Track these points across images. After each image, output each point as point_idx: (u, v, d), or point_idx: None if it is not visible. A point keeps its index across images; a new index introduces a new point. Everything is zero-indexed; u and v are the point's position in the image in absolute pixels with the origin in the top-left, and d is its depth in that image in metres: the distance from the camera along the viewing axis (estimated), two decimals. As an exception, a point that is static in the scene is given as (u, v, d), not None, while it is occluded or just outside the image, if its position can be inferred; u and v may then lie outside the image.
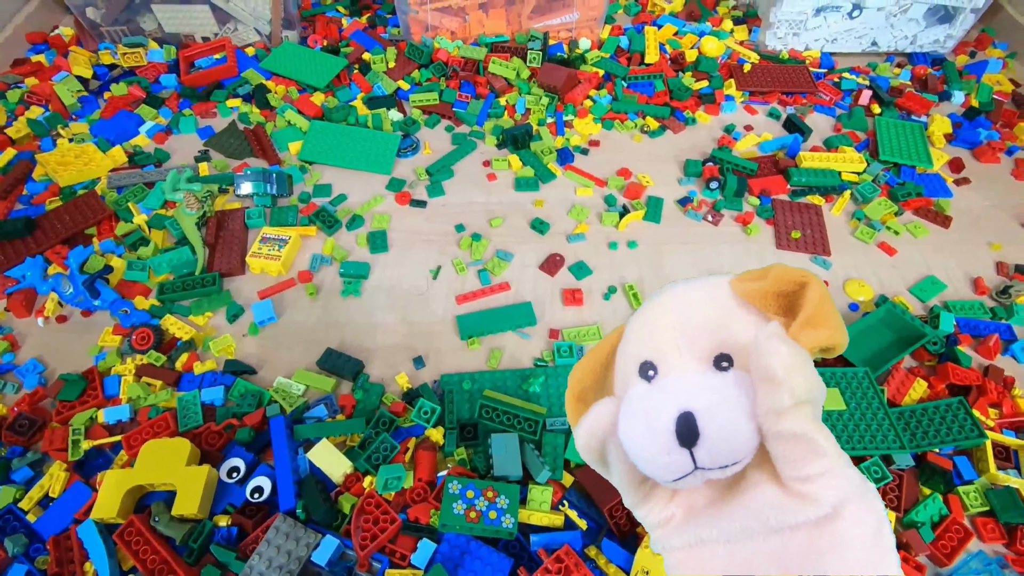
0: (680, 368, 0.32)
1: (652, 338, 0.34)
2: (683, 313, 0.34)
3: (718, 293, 0.34)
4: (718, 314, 0.33)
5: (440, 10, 1.11)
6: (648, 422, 0.31)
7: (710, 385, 0.31)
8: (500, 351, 0.74)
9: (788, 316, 0.32)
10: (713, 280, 0.35)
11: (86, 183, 0.89)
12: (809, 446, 0.29)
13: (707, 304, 0.34)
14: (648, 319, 0.35)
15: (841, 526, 0.29)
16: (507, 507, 0.58)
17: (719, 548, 0.31)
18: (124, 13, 1.10)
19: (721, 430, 0.30)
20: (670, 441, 0.30)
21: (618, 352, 0.36)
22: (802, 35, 1.15)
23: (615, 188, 0.93)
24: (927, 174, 0.96)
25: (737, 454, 0.30)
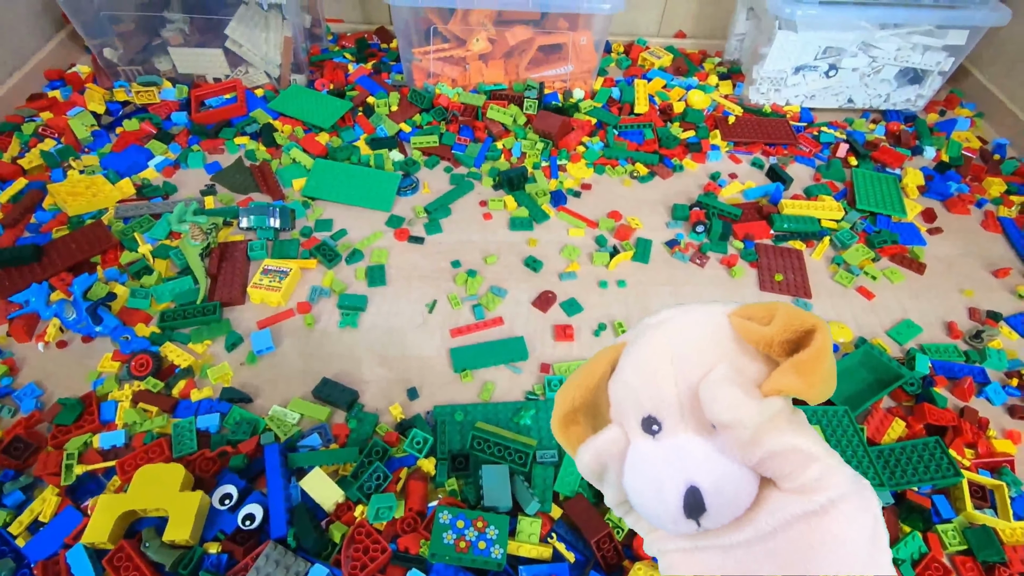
0: (684, 431, 0.33)
1: (653, 389, 0.34)
2: (686, 360, 0.33)
3: (719, 336, 0.33)
4: (721, 360, 0.33)
5: (442, 59, 1.17)
6: (657, 489, 0.32)
7: (715, 457, 0.32)
8: (492, 384, 0.76)
9: (781, 357, 0.32)
10: (712, 313, 0.35)
11: (94, 213, 0.92)
12: (797, 456, 0.30)
13: (707, 350, 0.33)
14: (647, 360, 0.34)
15: (837, 522, 0.29)
16: (496, 538, 0.59)
17: (714, 549, 0.32)
18: (141, 54, 1.15)
19: (726, 502, 0.31)
20: (678, 512, 0.32)
21: (613, 384, 0.36)
22: (783, 91, 1.22)
23: (606, 230, 0.97)
24: (902, 223, 1.01)
25: (738, 513, 0.32)
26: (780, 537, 0.30)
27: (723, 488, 0.31)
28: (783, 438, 0.30)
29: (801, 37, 1.11)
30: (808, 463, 0.30)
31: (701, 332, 0.34)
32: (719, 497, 0.31)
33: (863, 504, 0.30)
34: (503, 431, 0.70)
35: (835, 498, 0.30)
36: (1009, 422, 0.76)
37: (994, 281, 0.94)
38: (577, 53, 1.18)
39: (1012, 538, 0.64)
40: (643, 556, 0.61)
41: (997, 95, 1.24)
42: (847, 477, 0.31)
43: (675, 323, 0.35)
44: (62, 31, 1.21)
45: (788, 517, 0.30)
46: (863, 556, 0.30)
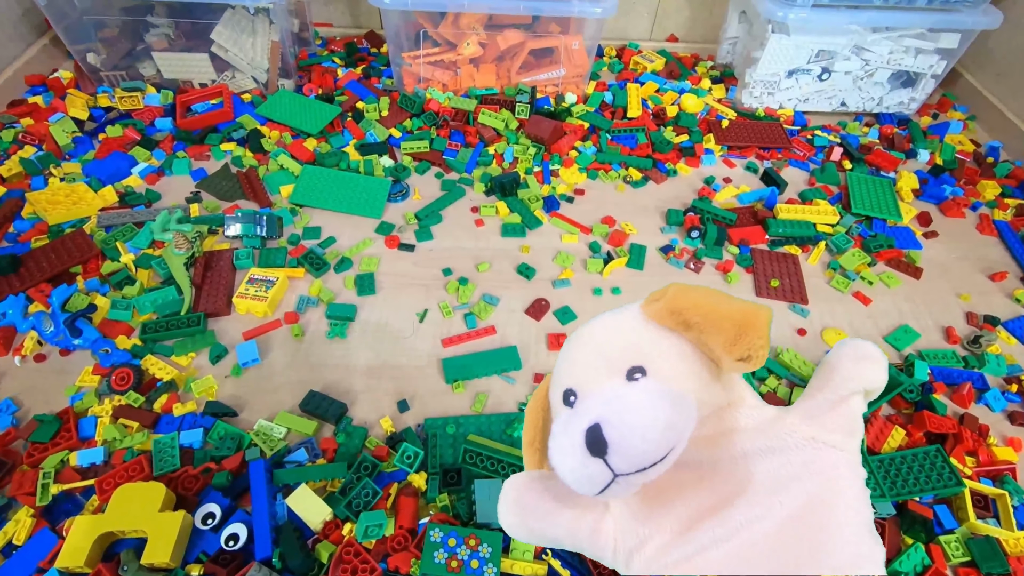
0: (597, 387, 0.35)
1: (573, 368, 0.37)
2: (600, 340, 0.37)
3: (630, 317, 0.37)
4: (631, 336, 0.36)
5: (433, 63, 1.16)
6: (566, 441, 0.33)
7: (616, 395, 0.33)
8: (485, 395, 0.74)
9: (686, 331, 0.36)
10: (627, 307, 0.39)
11: (75, 222, 0.90)
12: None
13: (621, 328, 0.37)
14: (570, 353, 0.39)
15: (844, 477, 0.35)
16: (489, 556, 0.57)
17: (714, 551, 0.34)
18: (125, 59, 1.13)
19: (629, 434, 0.31)
20: (583, 453, 0.31)
21: (550, 391, 0.39)
22: (776, 95, 1.21)
23: (599, 236, 0.96)
24: (897, 227, 1.00)
25: (650, 455, 0.31)
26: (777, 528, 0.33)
27: (624, 420, 0.31)
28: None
29: (794, 40, 1.10)
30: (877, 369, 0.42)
31: (615, 321, 0.38)
32: (619, 429, 0.31)
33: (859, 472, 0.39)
34: (496, 444, 0.68)
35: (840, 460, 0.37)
36: (1009, 429, 0.75)
37: (991, 285, 0.93)
38: (569, 57, 1.17)
39: (1016, 549, 0.63)
40: (641, 573, 0.59)
41: (989, 98, 1.24)
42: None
43: (595, 320, 0.39)
44: (44, 36, 1.19)
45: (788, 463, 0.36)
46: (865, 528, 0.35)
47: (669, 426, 0.31)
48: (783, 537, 0.33)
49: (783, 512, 0.33)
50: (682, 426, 0.31)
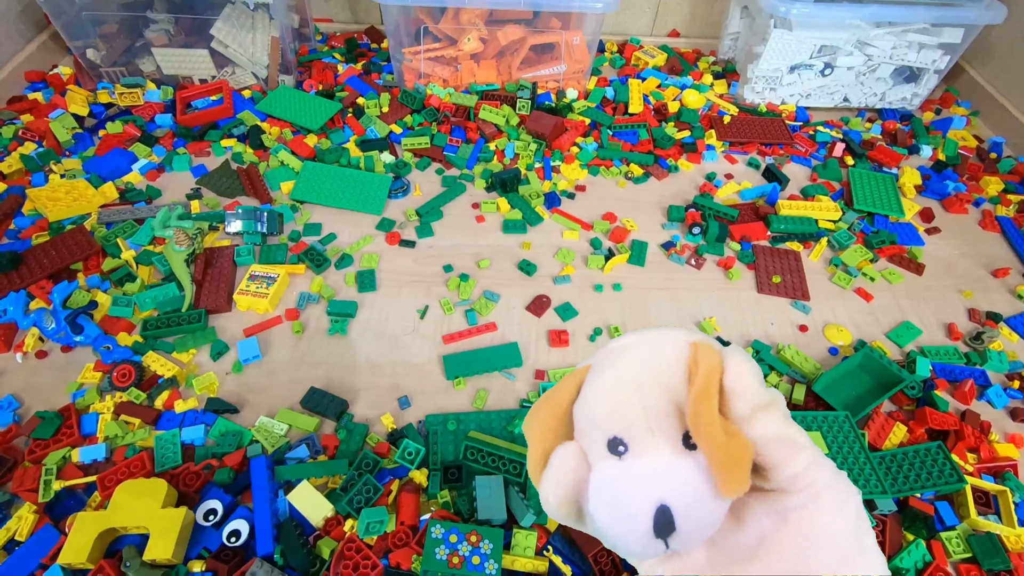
0: (653, 450, 0.32)
1: (620, 413, 0.33)
2: (649, 384, 0.33)
3: (680, 357, 0.33)
4: (683, 385, 0.32)
5: (433, 59, 1.16)
6: (624, 512, 0.31)
7: (685, 476, 0.31)
8: (486, 392, 0.74)
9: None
10: (675, 340, 0.34)
11: (75, 218, 0.89)
12: (788, 445, 0.31)
13: (672, 373, 0.33)
14: (612, 385, 0.34)
15: (823, 512, 0.31)
16: (490, 552, 0.57)
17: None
18: (124, 55, 1.13)
19: (697, 522, 0.31)
20: (647, 534, 0.31)
21: (578, 410, 0.35)
22: (778, 90, 1.21)
23: (600, 232, 0.96)
24: (899, 223, 1.00)
25: (708, 534, 0.32)
26: (770, 540, 0.31)
27: (694, 506, 0.31)
28: (776, 425, 0.32)
29: (796, 35, 1.10)
30: (797, 452, 0.31)
31: (665, 358, 0.33)
32: (690, 516, 0.31)
33: (846, 494, 0.31)
34: (497, 440, 0.68)
35: (820, 489, 0.31)
36: (1011, 425, 0.75)
37: (993, 281, 0.93)
38: (570, 52, 1.16)
39: (1017, 545, 0.63)
40: (642, 569, 0.59)
41: (992, 93, 1.24)
42: (830, 470, 0.32)
43: (639, 349, 0.35)
44: (43, 32, 1.18)
45: (775, 516, 0.31)
46: (851, 544, 0.30)
47: (724, 510, 0.32)
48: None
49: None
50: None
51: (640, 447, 0.32)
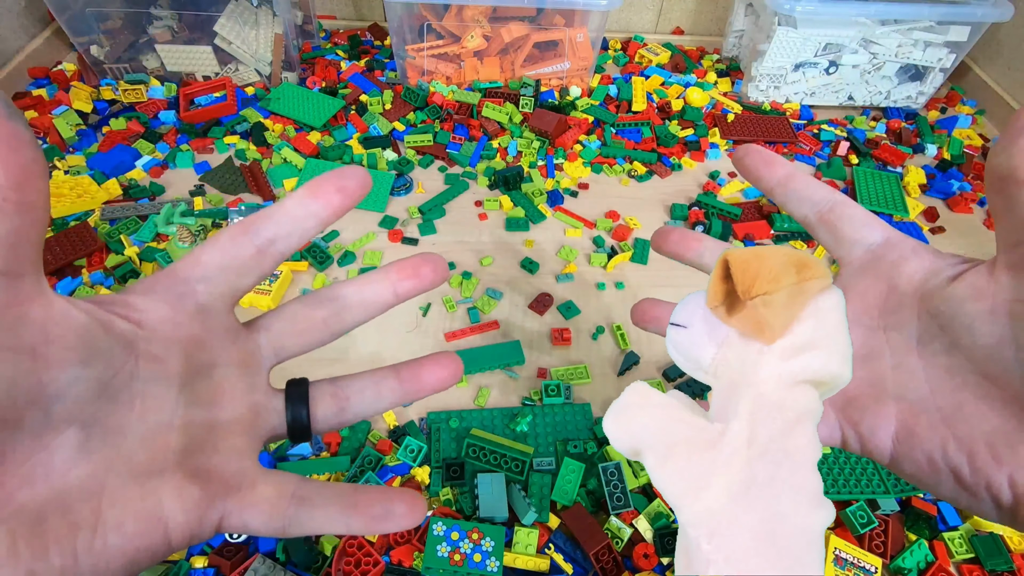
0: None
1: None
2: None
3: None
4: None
5: (436, 56, 1.15)
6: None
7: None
8: (488, 390, 0.74)
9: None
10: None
11: (79, 215, 0.90)
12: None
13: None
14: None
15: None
16: (492, 550, 0.57)
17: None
18: (128, 52, 1.13)
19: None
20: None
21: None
22: (782, 88, 1.20)
23: (603, 230, 0.95)
24: (904, 222, 1.00)
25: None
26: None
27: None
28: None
29: (801, 33, 1.09)
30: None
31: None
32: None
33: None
34: (499, 438, 0.68)
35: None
36: (1015, 426, 0.75)
37: (998, 281, 0.92)
38: (574, 50, 1.16)
39: (1020, 546, 0.63)
40: (643, 567, 0.59)
41: (998, 92, 1.23)
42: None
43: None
44: (47, 28, 1.19)
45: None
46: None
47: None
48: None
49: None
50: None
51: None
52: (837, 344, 0.29)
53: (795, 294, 0.28)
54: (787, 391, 0.28)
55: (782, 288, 0.28)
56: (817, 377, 0.28)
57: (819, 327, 0.28)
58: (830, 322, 0.28)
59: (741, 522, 0.24)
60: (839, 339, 0.29)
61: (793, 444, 0.26)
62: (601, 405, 0.73)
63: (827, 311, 0.29)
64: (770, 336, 0.27)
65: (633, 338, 0.80)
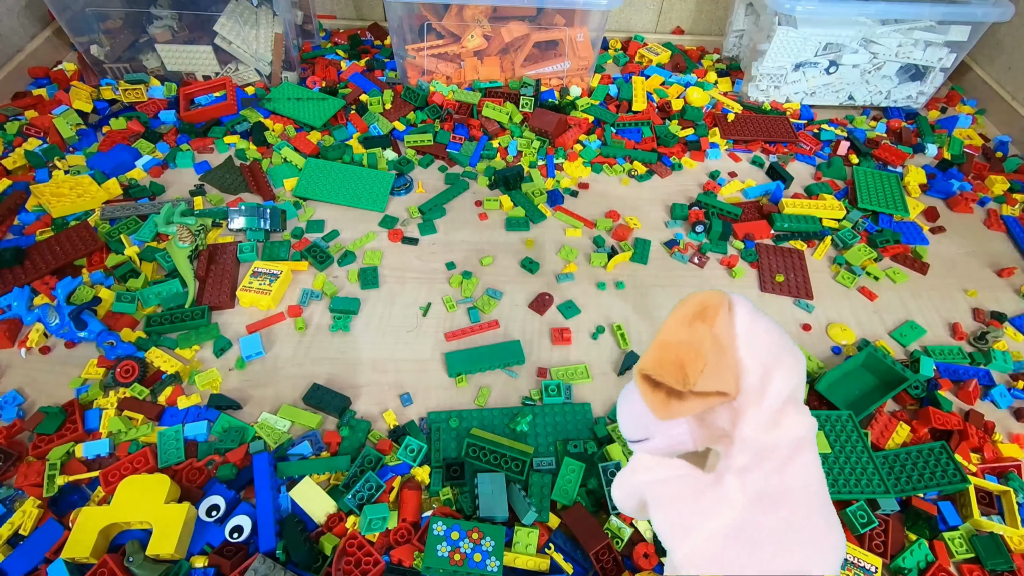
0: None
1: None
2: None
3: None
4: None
5: (436, 56, 1.15)
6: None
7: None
8: (488, 389, 0.74)
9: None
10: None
11: (79, 214, 0.90)
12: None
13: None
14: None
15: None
16: (492, 549, 0.57)
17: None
18: (128, 51, 1.13)
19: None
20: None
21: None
22: (782, 88, 1.20)
23: (603, 230, 0.95)
24: (904, 222, 1.00)
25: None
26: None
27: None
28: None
29: (801, 33, 1.09)
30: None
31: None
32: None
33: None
34: (499, 438, 0.68)
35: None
36: (1015, 425, 0.75)
37: (998, 281, 0.92)
38: (574, 49, 1.16)
39: (1020, 546, 0.63)
40: (643, 567, 0.59)
41: (998, 92, 1.23)
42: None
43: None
44: (47, 28, 1.19)
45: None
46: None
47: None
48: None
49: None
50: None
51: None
52: (781, 351, 0.29)
53: (719, 348, 0.29)
54: (771, 430, 0.28)
55: (707, 351, 0.28)
56: (790, 393, 0.28)
57: (757, 350, 0.29)
58: (760, 337, 0.29)
59: (732, 562, 0.25)
60: (778, 343, 0.29)
61: (791, 483, 0.27)
62: (601, 404, 0.73)
63: (749, 328, 0.29)
64: (734, 392, 0.28)
65: (633, 338, 0.80)
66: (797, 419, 0.29)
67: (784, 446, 0.28)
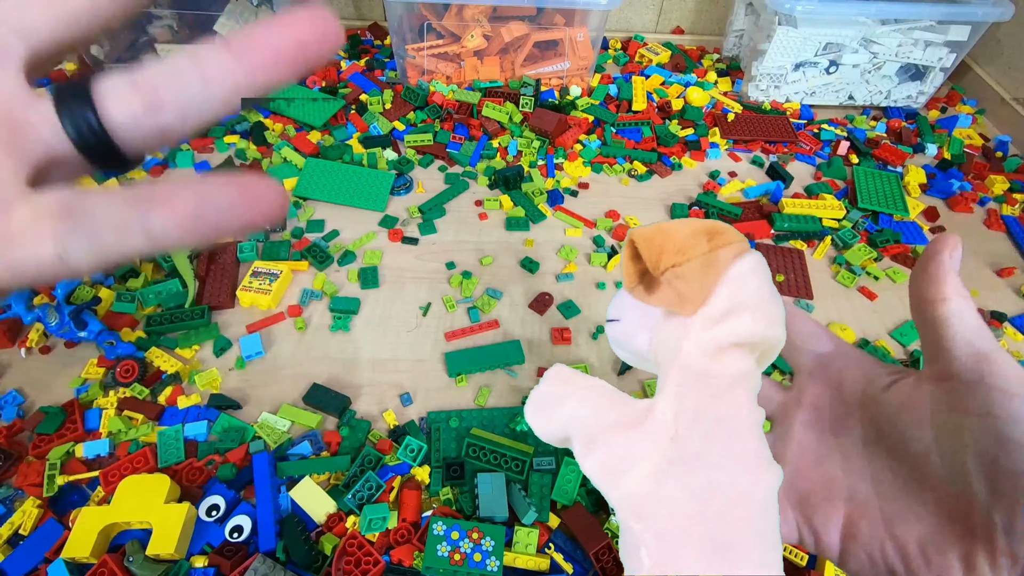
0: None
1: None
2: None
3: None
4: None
5: (436, 56, 1.15)
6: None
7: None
8: (488, 389, 0.74)
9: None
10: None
11: (79, 214, 0.90)
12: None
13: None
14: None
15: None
16: (492, 549, 0.57)
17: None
18: (128, 51, 1.13)
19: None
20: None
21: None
22: (782, 88, 1.20)
23: (603, 229, 0.95)
24: (904, 222, 1.00)
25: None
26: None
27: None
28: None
29: (801, 33, 1.09)
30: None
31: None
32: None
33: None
34: (499, 438, 0.68)
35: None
36: (1015, 425, 0.75)
37: (998, 281, 0.92)
38: (574, 49, 1.16)
39: (1020, 545, 0.63)
40: (643, 567, 0.59)
41: (999, 92, 1.23)
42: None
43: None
44: (47, 28, 1.18)
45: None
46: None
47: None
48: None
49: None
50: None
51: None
52: (761, 305, 0.28)
53: (708, 263, 0.28)
54: (712, 359, 0.27)
55: (692, 258, 0.27)
56: (745, 339, 0.27)
57: (739, 291, 0.28)
58: (751, 285, 0.28)
59: (669, 498, 0.24)
60: (764, 300, 0.28)
61: (725, 411, 0.26)
62: (601, 405, 0.73)
63: (746, 275, 0.28)
64: (689, 308, 0.27)
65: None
66: (743, 358, 0.27)
67: (721, 376, 0.27)
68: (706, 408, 0.25)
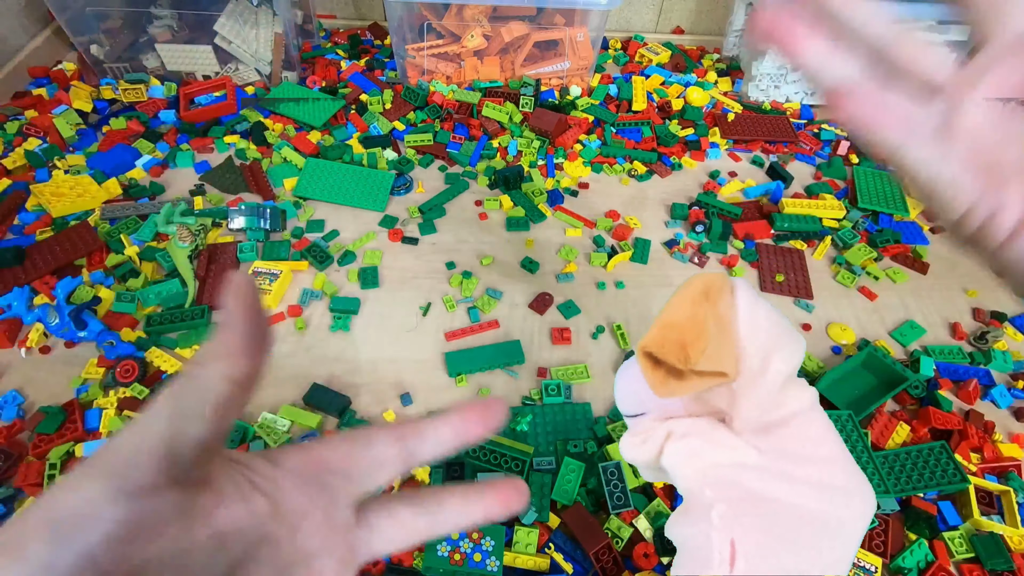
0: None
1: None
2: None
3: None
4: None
5: (436, 56, 1.15)
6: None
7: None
8: (488, 389, 0.74)
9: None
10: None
11: (79, 214, 0.90)
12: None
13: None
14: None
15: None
16: (492, 549, 0.57)
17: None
18: (128, 51, 1.13)
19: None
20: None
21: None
22: (782, 88, 1.20)
23: (603, 229, 0.95)
24: (904, 222, 1.00)
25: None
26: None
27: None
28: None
29: (801, 33, 1.09)
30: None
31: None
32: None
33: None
34: (499, 437, 0.68)
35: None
36: (1015, 425, 0.75)
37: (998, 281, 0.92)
38: (574, 49, 1.16)
39: (1020, 546, 0.63)
40: (643, 567, 0.59)
41: (999, 91, 1.23)
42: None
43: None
44: (47, 28, 1.19)
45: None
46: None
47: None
48: None
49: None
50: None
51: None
52: (780, 329, 0.29)
53: (721, 328, 0.28)
54: (776, 411, 0.28)
55: (708, 331, 0.28)
56: (791, 372, 0.28)
57: (756, 332, 0.28)
58: (760, 322, 0.28)
59: (746, 480, 0.27)
60: (776, 325, 0.29)
61: (805, 432, 0.28)
62: (601, 404, 0.73)
63: (751, 310, 0.29)
64: (732, 372, 0.27)
65: (633, 338, 0.80)
66: (797, 392, 0.29)
67: (791, 415, 0.28)
68: (786, 442, 0.27)
